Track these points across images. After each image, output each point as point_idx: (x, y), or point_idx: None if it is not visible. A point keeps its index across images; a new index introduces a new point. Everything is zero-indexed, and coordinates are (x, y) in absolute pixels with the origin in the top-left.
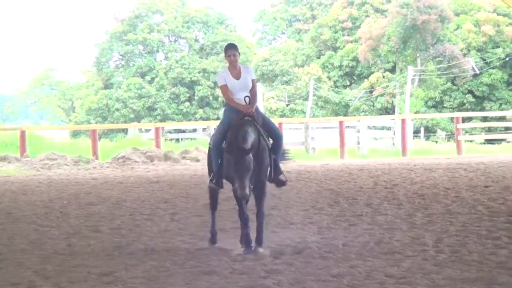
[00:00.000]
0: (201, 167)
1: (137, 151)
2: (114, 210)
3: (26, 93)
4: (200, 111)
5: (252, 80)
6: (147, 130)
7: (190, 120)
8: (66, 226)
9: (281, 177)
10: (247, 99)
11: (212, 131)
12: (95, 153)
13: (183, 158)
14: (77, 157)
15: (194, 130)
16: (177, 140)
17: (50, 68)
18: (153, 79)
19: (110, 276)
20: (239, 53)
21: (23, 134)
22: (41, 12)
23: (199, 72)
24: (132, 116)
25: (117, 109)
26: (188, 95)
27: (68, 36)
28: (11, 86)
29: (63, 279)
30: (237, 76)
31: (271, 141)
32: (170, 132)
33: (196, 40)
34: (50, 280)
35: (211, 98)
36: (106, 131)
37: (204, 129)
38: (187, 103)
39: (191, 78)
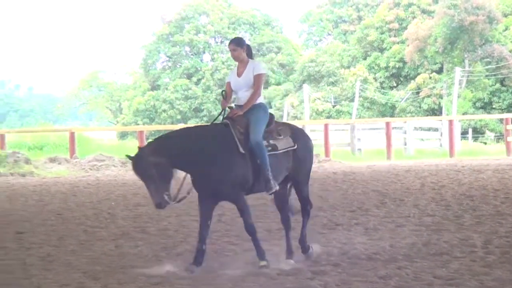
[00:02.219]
0: None
1: None
2: (161, 211)
3: (75, 95)
4: None
5: (255, 76)
6: None
7: None
8: (114, 227)
9: (270, 186)
10: (224, 93)
11: None
12: None
13: None
14: (125, 159)
15: None
16: None
17: (98, 70)
18: (199, 80)
19: (158, 277)
20: (243, 47)
21: (72, 135)
22: (90, 15)
23: None
24: (179, 117)
25: (164, 110)
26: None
27: (116, 38)
28: (61, 88)
29: (111, 280)
30: (241, 73)
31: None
32: None
33: None
34: (99, 281)
35: None
36: (153, 132)
37: None
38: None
39: None
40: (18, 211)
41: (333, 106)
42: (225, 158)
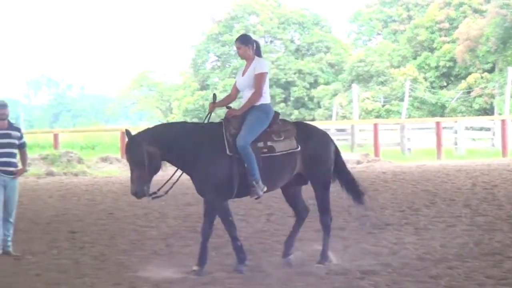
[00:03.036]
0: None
1: None
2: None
3: (126, 95)
4: (296, 112)
5: (255, 75)
6: None
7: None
8: (165, 227)
9: (253, 190)
10: (214, 96)
11: None
12: None
13: None
14: None
15: None
16: None
17: (148, 69)
18: None
19: (208, 276)
20: (248, 45)
21: (123, 135)
22: (141, 15)
23: (294, 73)
24: None
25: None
26: (283, 96)
27: (166, 38)
28: (112, 88)
29: (162, 280)
30: (245, 71)
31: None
32: None
33: (292, 41)
34: (150, 280)
35: (306, 99)
36: None
37: None
38: (282, 104)
39: (286, 79)
40: (71, 210)
41: (383, 106)
42: (211, 158)
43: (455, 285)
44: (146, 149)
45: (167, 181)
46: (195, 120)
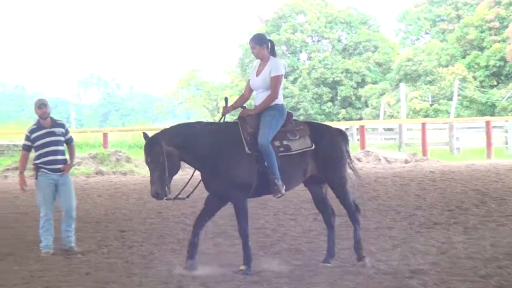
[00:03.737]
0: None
1: None
2: (258, 209)
3: (173, 94)
4: (343, 111)
5: (272, 78)
6: None
7: (332, 120)
8: (212, 226)
9: (276, 189)
10: (225, 100)
11: (355, 131)
12: None
13: None
14: None
15: None
16: None
17: (196, 69)
18: (296, 79)
19: (256, 275)
20: (262, 45)
21: None
22: (188, 15)
23: (341, 72)
24: None
25: None
26: (330, 95)
27: (214, 37)
28: (160, 87)
29: (210, 279)
30: (260, 71)
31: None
32: None
33: (339, 40)
34: (198, 279)
35: (353, 98)
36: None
37: (346, 129)
38: (329, 103)
39: (333, 78)
40: (120, 210)
41: (431, 105)
42: (230, 157)
43: (505, 284)
44: (166, 149)
45: (187, 183)
46: None
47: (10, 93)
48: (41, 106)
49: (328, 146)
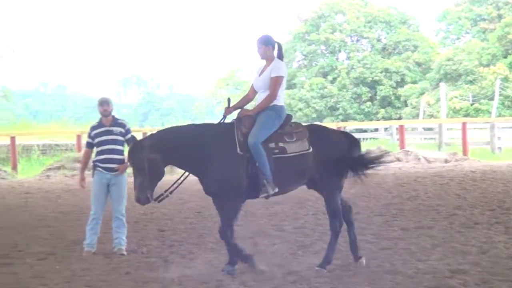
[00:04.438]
0: (382, 167)
1: None
2: (298, 209)
3: (212, 93)
4: (382, 110)
5: (271, 78)
6: None
7: (371, 119)
8: (252, 225)
9: (264, 189)
10: (227, 101)
11: (394, 131)
12: None
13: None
14: None
15: (376, 130)
16: (359, 139)
17: (235, 68)
18: (335, 79)
19: (295, 275)
20: (268, 46)
21: None
22: (228, 14)
23: (381, 72)
24: (314, 115)
25: (300, 109)
26: (370, 94)
27: (253, 37)
28: (199, 87)
29: (249, 278)
30: (263, 72)
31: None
32: (351, 131)
33: (378, 40)
34: (237, 279)
35: (393, 97)
36: None
37: (386, 129)
38: (368, 103)
39: (373, 78)
40: (159, 209)
41: (471, 105)
42: (222, 158)
43: None
44: (148, 157)
45: (172, 185)
46: None
47: (52, 92)
48: (102, 103)
49: (328, 150)
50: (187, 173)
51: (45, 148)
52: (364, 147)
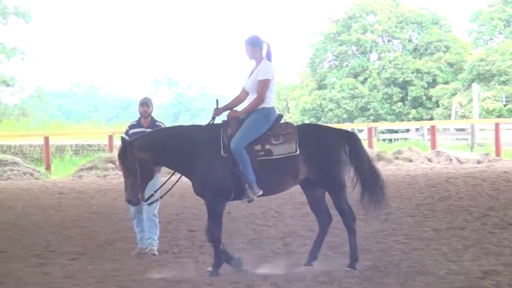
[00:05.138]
0: (414, 167)
1: None
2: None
3: None
4: (413, 111)
5: (258, 81)
6: (360, 130)
7: (402, 120)
8: (282, 226)
9: (246, 193)
10: (216, 102)
11: (426, 132)
12: None
13: (396, 158)
14: None
15: (407, 130)
16: (390, 140)
17: None
18: (366, 79)
19: (325, 275)
20: (255, 46)
21: None
22: (258, 15)
23: (412, 73)
24: (345, 116)
25: (331, 110)
26: (401, 95)
27: (284, 37)
28: (230, 87)
29: (280, 279)
30: (252, 73)
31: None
32: (382, 132)
33: (410, 40)
34: (268, 279)
35: (424, 98)
36: None
37: (417, 129)
38: (399, 103)
39: (404, 79)
40: (190, 209)
41: (504, 105)
42: (206, 160)
43: None
44: (138, 157)
45: (161, 186)
46: (313, 119)
47: (84, 93)
48: (142, 104)
49: (322, 150)
50: (179, 176)
51: (77, 148)
52: (395, 147)
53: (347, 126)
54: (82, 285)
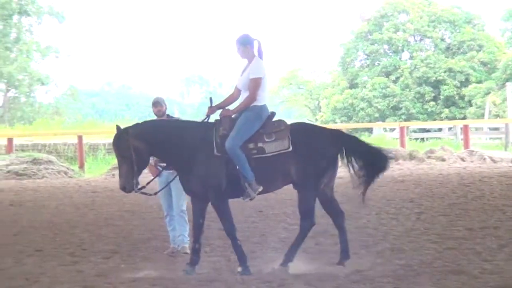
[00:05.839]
0: (447, 167)
1: None
2: (360, 208)
3: (275, 93)
4: (446, 110)
5: (249, 80)
6: (392, 130)
7: (435, 119)
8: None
9: (246, 193)
10: (209, 100)
11: (458, 131)
12: None
13: (428, 157)
14: None
15: (440, 130)
16: (422, 139)
17: (297, 68)
18: (397, 78)
19: (358, 274)
20: (246, 45)
21: None
22: (290, 14)
23: (444, 72)
24: (376, 115)
25: (362, 109)
26: (433, 94)
27: (315, 36)
28: None
29: (312, 278)
30: (244, 71)
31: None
32: (414, 131)
33: (442, 39)
34: (301, 278)
35: (457, 97)
36: (351, 130)
37: (450, 129)
38: (432, 103)
39: (436, 78)
40: None
41: None
42: (200, 158)
43: None
44: (134, 144)
45: (154, 178)
46: (344, 118)
47: (116, 91)
48: (155, 104)
49: (305, 150)
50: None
51: (110, 147)
52: (427, 147)
53: (379, 125)
54: (115, 284)
